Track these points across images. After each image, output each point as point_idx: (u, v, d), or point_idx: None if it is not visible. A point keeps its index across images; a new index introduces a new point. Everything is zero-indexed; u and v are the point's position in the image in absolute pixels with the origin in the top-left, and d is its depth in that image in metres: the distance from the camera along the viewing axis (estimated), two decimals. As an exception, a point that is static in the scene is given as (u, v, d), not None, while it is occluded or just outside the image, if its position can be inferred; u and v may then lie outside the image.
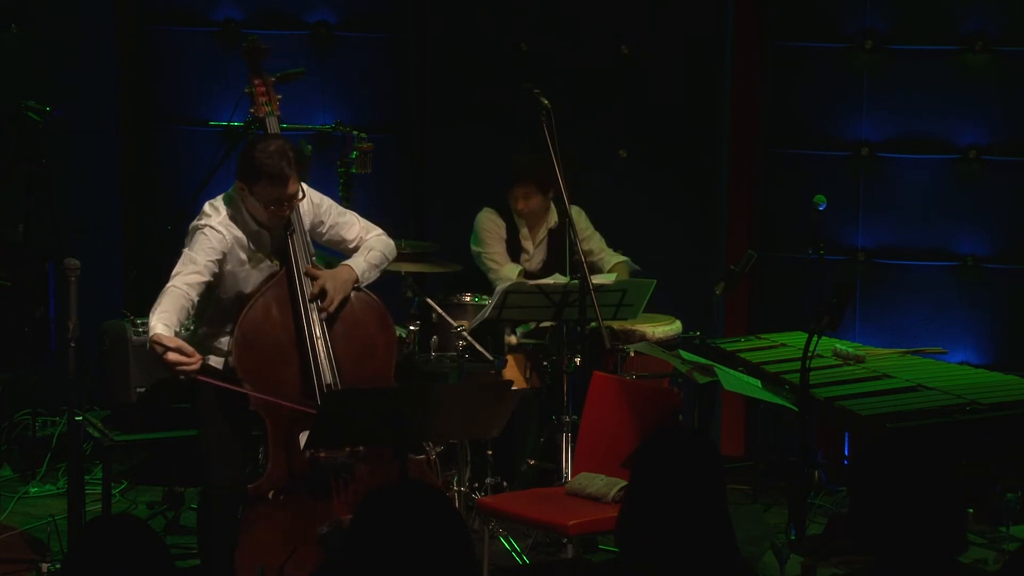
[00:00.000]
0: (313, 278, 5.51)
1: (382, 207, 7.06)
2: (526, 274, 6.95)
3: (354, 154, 7.14)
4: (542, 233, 7.11)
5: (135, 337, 6.50)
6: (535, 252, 7.10)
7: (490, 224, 7.06)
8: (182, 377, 5.26)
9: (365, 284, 5.63)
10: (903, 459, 3.27)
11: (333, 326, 5.54)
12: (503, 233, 7.07)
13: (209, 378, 5.34)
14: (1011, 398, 6.02)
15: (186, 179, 7.74)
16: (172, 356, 5.21)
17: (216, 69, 8.04)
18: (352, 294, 5.59)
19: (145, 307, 7.11)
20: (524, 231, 7.09)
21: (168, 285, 5.37)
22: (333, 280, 5.53)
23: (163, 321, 5.27)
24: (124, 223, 8.26)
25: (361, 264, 5.62)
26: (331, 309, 5.50)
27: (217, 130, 7.70)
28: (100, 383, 6.62)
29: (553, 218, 7.09)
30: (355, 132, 7.22)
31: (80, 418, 5.65)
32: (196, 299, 5.40)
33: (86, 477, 6.34)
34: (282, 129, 5.81)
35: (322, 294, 5.49)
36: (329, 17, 8.08)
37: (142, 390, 6.45)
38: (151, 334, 5.25)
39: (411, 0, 8.09)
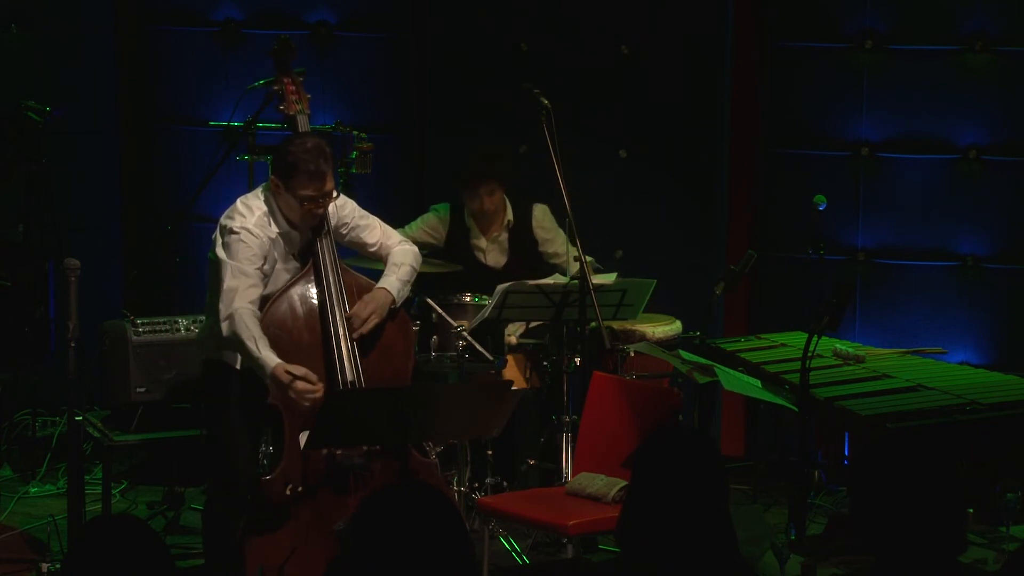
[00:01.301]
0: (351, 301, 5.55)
1: (382, 207, 7.05)
2: (484, 268, 6.96)
3: (354, 154, 7.15)
4: (498, 231, 7.09)
5: (135, 337, 6.49)
6: (490, 249, 7.09)
7: (432, 218, 7.09)
8: (306, 404, 5.25)
9: (400, 301, 5.66)
10: (903, 459, 3.27)
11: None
12: (440, 232, 7.07)
13: None
14: (1011, 398, 6.02)
15: (186, 179, 7.75)
16: (301, 385, 5.21)
17: (216, 69, 8.05)
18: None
19: (145, 307, 7.19)
20: (475, 230, 7.07)
21: (235, 307, 5.33)
22: (372, 304, 5.55)
23: (270, 348, 5.29)
24: (124, 223, 8.26)
25: (395, 284, 5.65)
26: (364, 331, 5.52)
27: (217, 130, 7.70)
28: (100, 383, 6.62)
29: (509, 215, 7.07)
30: (355, 132, 7.22)
31: (80, 418, 5.65)
32: (259, 313, 5.40)
33: (86, 477, 6.34)
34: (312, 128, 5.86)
35: (358, 317, 5.51)
36: (329, 17, 8.08)
37: (142, 390, 6.45)
38: (272, 366, 5.23)
39: (411, 0, 8.09)
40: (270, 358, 5.26)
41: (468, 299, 6.69)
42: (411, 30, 8.07)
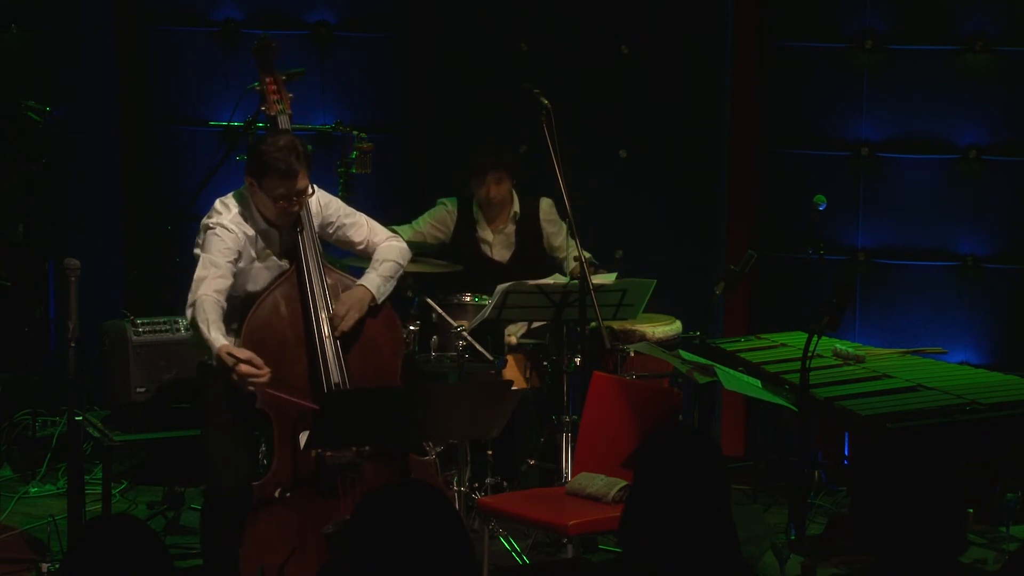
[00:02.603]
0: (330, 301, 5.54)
1: (382, 207, 7.06)
2: (489, 262, 6.97)
3: (354, 154, 7.15)
4: (505, 224, 7.10)
5: (135, 337, 6.50)
6: (496, 243, 7.09)
7: (439, 211, 7.09)
8: (250, 388, 5.26)
9: (382, 299, 5.65)
10: (903, 459, 3.27)
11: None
12: (448, 226, 7.08)
13: (276, 391, 5.34)
14: (1011, 398, 6.02)
15: (186, 179, 7.75)
16: (245, 368, 5.21)
17: (216, 69, 8.04)
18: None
19: (145, 307, 7.19)
20: (482, 222, 7.08)
21: (199, 294, 5.35)
22: (349, 302, 5.55)
23: (220, 332, 5.29)
24: (124, 223, 8.26)
25: (375, 280, 5.64)
26: (344, 329, 5.52)
27: (217, 130, 7.70)
28: (100, 383, 6.62)
29: (516, 207, 7.09)
30: (355, 132, 7.22)
31: (80, 418, 5.65)
32: (225, 304, 5.40)
33: (86, 477, 6.34)
34: (292, 128, 5.83)
35: (336, 316, 5.51)
36: (329, 17, 8.08)
37: (142, 390, 6.46)
38: (217, 346, 5.23)
39: (411, 0, 8.09)
40: (217, 339, 5.26)
41: (468, 299, 6.69)
42: (411, 30, 8.07)
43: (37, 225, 7.48)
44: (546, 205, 7.09)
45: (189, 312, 5.38)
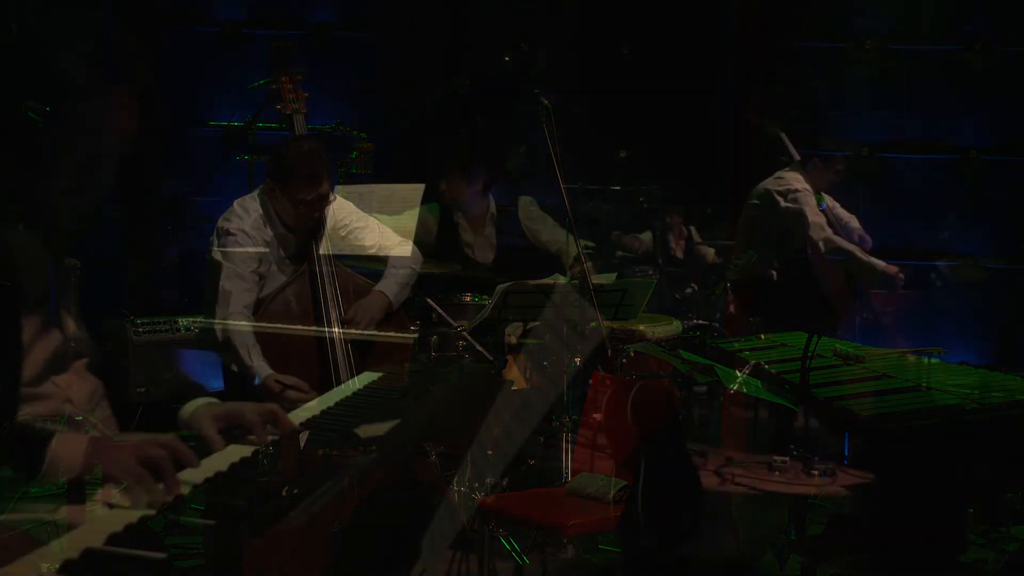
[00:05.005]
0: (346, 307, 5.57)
1: (382, 207, 7.06)
2: (475, 264, 7.00)
3: (354, 154, 7.15)
4: (484, 226, 7.10)
5: (135, 337, 6.50)
6: (478, 243, 7.10)
7: (423, 212, 7.14)
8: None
9: (398, 304, 5.67)
10: (903, 459, 3.27)
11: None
12: (430, 223, 7.08)
13: None
14: (1011, 398, 6.01)
15: (186, 179, 7.75)
16: (293, 395, 5.24)
17: (216, 69, 8.05)
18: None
19: (145, 307, 7.18)
20: (463, 223, 7.09)
21: (230, 312, 5.38)
22: (366, 308, 5.56)
23: (262, 358, 5.33)
24: (124, 223, 8.26)
25: (392, 287, 5.68)
26: (359, 336, 5.54)
27: (217, 130, 7.70)
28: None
29: (492, 208, 7.10)
30: (355, 132, 7.22)
31: (80, 418, 5.65)
32: (253, 317, 5.42)
33: (86, 477, 6.33)
34: (308, 129, 5.85)
35: (353, 323, 5.52)
36: (329, 17, 8.08)
37: (142, 390, 6.46)
38: (263, 375, 5.27)
39: (411, 0, 8.10)
40: (262, 367, 5.28)
41: (468, 299, 6.70)
42: (411, 30, 8.08)
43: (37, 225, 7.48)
44: (524, 202, 7.10)
45: (220, 329, 5.39)
